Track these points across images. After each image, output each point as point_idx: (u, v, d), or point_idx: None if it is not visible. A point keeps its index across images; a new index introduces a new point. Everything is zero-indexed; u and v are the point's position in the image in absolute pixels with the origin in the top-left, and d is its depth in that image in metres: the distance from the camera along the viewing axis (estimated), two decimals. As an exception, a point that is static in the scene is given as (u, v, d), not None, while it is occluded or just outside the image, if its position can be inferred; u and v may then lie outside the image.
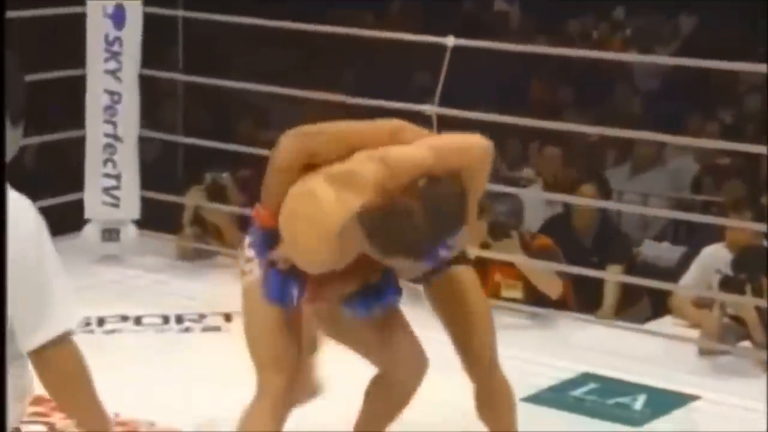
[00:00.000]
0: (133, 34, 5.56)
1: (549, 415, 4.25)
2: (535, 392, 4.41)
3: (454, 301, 3.44)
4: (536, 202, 6.13)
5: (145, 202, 5.74)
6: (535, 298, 5.17)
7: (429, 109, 5.28)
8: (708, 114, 8.15)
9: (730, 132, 7.64)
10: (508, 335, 4.97)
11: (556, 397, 4.43)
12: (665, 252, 5.99)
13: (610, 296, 5.35)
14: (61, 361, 2.22)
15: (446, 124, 5.66)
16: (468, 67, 5.63)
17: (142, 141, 5.75)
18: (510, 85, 8.67)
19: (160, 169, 6.43)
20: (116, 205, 5.65)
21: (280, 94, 5.92)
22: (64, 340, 2.21)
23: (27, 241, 2.15)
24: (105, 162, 5.61)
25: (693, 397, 4.44)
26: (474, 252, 5.22)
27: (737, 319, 4.73)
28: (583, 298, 5.37)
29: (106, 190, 5.63)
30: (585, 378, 4.60)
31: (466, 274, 3.45)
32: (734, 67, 6.02)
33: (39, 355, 2.20)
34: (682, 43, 9.57)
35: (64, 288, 2.23)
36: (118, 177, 5.63)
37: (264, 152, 5.74)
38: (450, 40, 5.19)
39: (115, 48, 5.54)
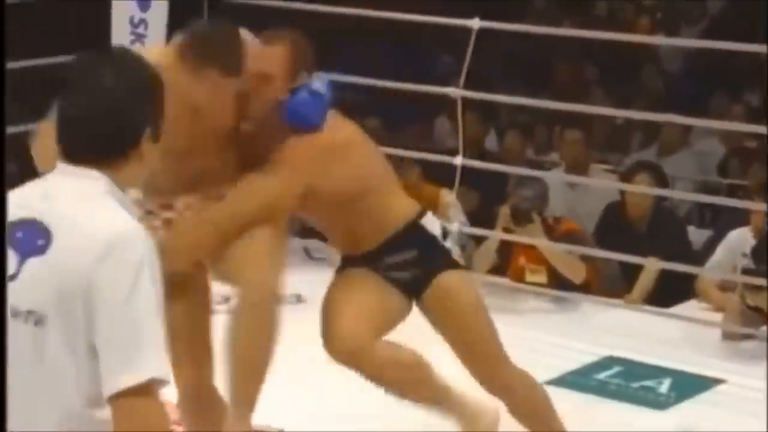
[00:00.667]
0: (158, 16, 5.57)
1: (574, 398, 4.25)
2: (560, 375, 4.42)
3: (444, 317, 3.32)
4: (560, 186, 6.12)
5: None
6: (559, 282, 5.17)
7: (453, 92, 5.27)
8: (734, 96, 8.10)
9: (757, 114, 7.59)
10: (532, 319, 5.02)
11: (581, 380, 4.43)
12: (691, 235, 5.96)
13: (642, 284, 5.31)
14: (139, 414, 1.92)
15: (471, 107, 5.69)
16: (493, 50, 5.62)
17: None
18: (535, 68, 8.64)
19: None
20: (141, 187, 5.68)
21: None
22: (148, 390, 1.92)
23: (125, 271, 1.93)
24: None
25: (718, 381, 4.43)
26: (497, 236, 5.23)
27: (757, 310, 4.70)
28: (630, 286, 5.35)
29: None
30: (610, 361, 4.59)
31: (451, 282, 3.31)
32: (761, 50, 5.97)
33: (118, 402, 1.92)
34: (710, 23, 9.50)
35: (157, 332, 1.95)
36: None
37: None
38: (475, 23, 5.18)
39: (140, 30, 5.55)
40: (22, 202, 2.02)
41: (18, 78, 3.56)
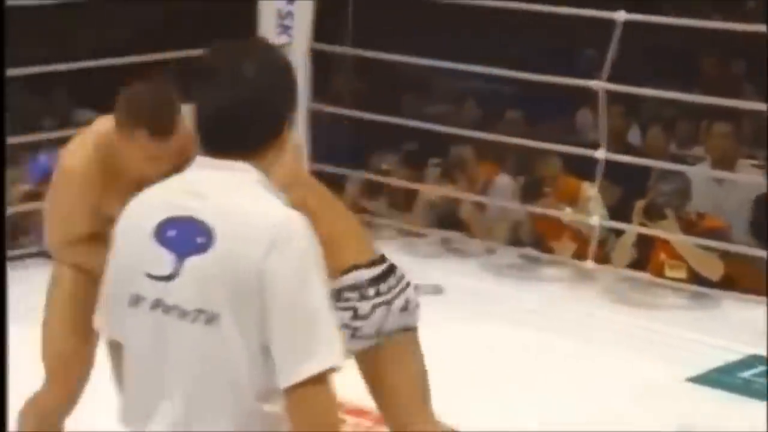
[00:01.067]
0: (304, 8, 5.68)
1: (718, 396, 4.19)
2: (702, 373, 4.36)
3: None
4: (704, 181, 6.02)
5: (314, 174, 5.85)
6: (700, 278, 5.10)
7: (596, 84, 5.25)
8: None
9: None
10: (671, 314, 4.97)
11: (725, 378, 4.36)
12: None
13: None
14: (312, 406, 1.90)
15: (614, 100, 5.64)
16: (638, 42, 5.58)
17: (312, 114, 5.83)
18: (681, 62, 8.52)
19: (329, 141, 6.53)
20: (286, 176, 5.78)
21: (447, 68, 5.98)
22: (324, 379, 1.91)
23: (294, 261, 1.91)
24: (276, 134, 5.75)
25: None
26: (634, 230, 5.21)
27: None
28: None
29: (277, 162, 5.77)
30: (753, 360, 4.51)
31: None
32: None
33: (296, 393, 1.90)
34: None
35: (330, 320, 1.93)
36: (288, 148, 5.76)
37: (429, 126, 5.89)
38: (621, 15, 5.14)
39: (287, 22, 5.67)
40: (166, 200, 1.99)
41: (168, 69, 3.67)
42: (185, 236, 1.93)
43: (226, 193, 1.95)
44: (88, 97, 6.18)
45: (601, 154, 5.24)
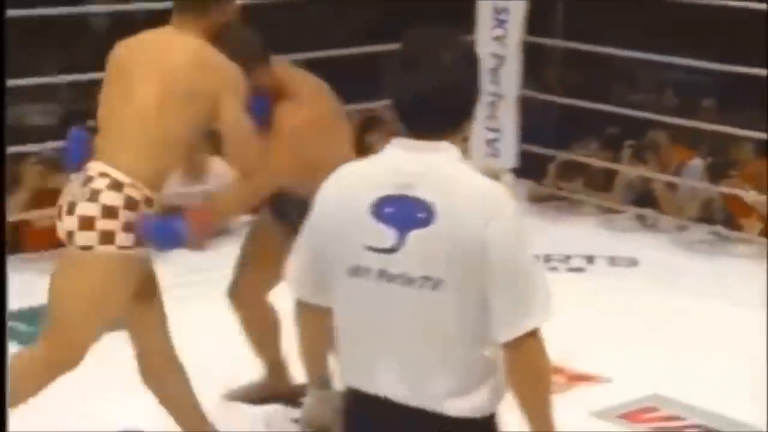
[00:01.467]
0: (518, 4, 6.05)
1: None
2: None
3: None
4: None
5: (521, 154, 6.20)
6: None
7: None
8: None
9: None
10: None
11: None
12: None
13: None
14: (531, 356, 2.11)
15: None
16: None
17: (523, 100, 6.15)
18: None
19: (538, 126, 6.91)
20: (496, 155, 6.18)
21: (648, 59, 6.26)
22: (537, 333, 2.11)
23: (509, 228, 2.08)
24: (488, 117, 6.12)
25: None
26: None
27: None
28: None
29: (489, 142, 6.16)
30: None
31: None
32: None
33: (515, 345, 2.10)
34: None
35: (544, 278, 2.12)
36: (498, 130, 6.16)
37: (633, 113, 6.19)
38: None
39: (502, 17, 6.05)
40: (375, 180, 2.12)
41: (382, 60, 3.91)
42: (404, 213, 2.08)
43: (437, 170, 2.09)
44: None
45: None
